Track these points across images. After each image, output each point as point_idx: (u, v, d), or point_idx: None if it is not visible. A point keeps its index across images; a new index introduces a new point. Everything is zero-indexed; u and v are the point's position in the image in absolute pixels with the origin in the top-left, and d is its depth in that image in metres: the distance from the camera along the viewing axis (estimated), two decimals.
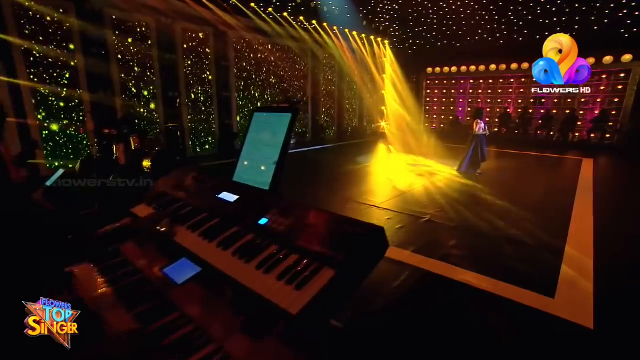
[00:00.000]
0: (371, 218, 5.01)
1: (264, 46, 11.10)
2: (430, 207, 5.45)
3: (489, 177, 7.72)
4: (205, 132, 9.99)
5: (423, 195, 6.14)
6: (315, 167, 9.13)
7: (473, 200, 5.86)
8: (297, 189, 6.47)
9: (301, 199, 6.07)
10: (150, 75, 8.43)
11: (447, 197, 6.04)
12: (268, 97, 11.64)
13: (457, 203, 5.67)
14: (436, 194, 6.22)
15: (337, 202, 5.81)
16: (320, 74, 13.28)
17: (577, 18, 11.91)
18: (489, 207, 5.51)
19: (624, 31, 12.01)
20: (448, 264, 3.59)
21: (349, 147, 12.55)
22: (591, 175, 7.80)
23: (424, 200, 5.85)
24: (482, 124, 7.78)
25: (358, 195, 6.18)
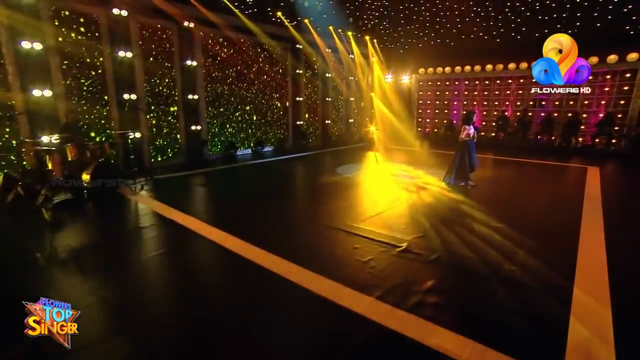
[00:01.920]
0: (334, 246, 4.20)
1: (237, 45, 10.34)
2: (411, 230, 4.66)
3: (482, 190, 6.96)
4: (169, 140, 9.17)
5: (404, 215, 5.35)
6: (288, 178, 8.34)
7: (462, 222, 5.07)
8: (255, 205, 5.67)
9: (251, 220, 5.31)
10: (99, 76, 7.62)
11: (432, 217, 5.25)
12: (244, 99, 10.85)
13: (443, 225, 4.89)
14: (419, 213, 5.43)
15: (297, 224, 5.01)
16: (302, 75, 12.54)
17: (578, 14, 11.29)
18: (479, 230, 4.72)
19: (629, 28, 11.44)
20: (420, 319, 2.79)
21: (332, 154, 11.79)
22: (598, 187, 7.06)
23: (405, 221, 5.05)
24: (470, 129, 7.04)
25: (327, 215, 5.39)
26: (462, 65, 14.58)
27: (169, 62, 8.85)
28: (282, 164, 10.04)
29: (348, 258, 3.89)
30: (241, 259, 3.80)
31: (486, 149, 12.21)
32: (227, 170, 8.94)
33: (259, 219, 5.19)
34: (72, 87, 7.22)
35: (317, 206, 5.92)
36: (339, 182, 7.62)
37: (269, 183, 7.82)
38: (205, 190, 6.79)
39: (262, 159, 10.53)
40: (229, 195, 6.51)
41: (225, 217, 5.22)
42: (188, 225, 4.79)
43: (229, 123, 10.59)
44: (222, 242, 4.23)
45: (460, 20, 12.50)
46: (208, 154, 10.04)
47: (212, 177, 8.10)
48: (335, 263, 3.77)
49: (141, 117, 8.25)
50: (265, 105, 11.61)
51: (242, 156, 10.83)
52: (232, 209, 5.65)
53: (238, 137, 10.94)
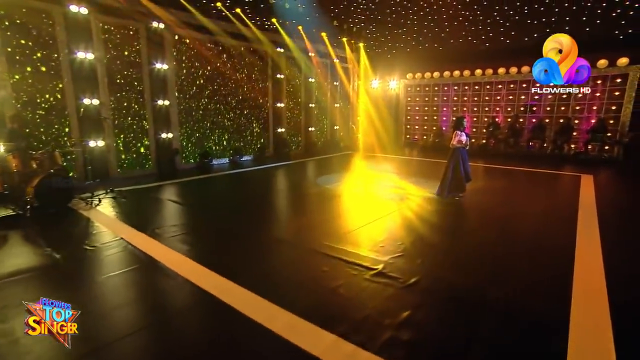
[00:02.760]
0: (301, 270, 3.79)
1: (212, 48, 9.98)
2: (388, 249, 4.27)
3: (471, 201, 6.63)
4: (137, 148, 8.70)
5: (383, 231, 4.97)
6: (262, 190, 7.92)
7: (446, 238, 4.70)
8: (219, 221, 5.23)
9: (212, 239, 4.86)
10: (57, 79, 7.15)
11: (414, 232, 4.88)
12: (220, 106, 10.46)
13: (425, 243, 4.51)
14: (401, 229, 5.06)
15: (264, 243, 4.58)
16: (283, 80, 12.21)
17: (567, 18, 11.25)
18: (465, 248, 4.36)
19: (618, 32, 11.42)
20: None
21: (315, 163, 11.41)
22: (593, 196, 6.78)
23: (383, 238, 4.66)
24: (462, 135, 6.71)
25: (299, 232, 4.98)
26: (451, 70, 14.45)
27: (136, 66, 8.42)
28: (260, 174, 9.62)
29: (314, 284, 3.48)
30: (195, 289, 3.36)
31: (476, 157, 11.96)
32: (200, 181, 8.49)
33: (222, 238, 4.75)
34: (20, 89, 6.73)
35: (289, 222, 5.50)
36: (317, 194, 7.23)
37: (241, 196, 7.39)
38: (171, 204, 6.33)
39: (240, 168, 10.11)
40: (194, 209, 6.06)
41: (185, 236, 4.77)
42: (139, 245, 4.33)
43: (203, 131, 10.16)
44: (177, 267, 3.77)
45: (448, 24, 12.40)
46: (180, 163, 9.58)
47: (182, 189, 7.64)
48: (299, 290, 3.35)
49: (105, 124, 7.78)
50: (244, 112, 11.21)
51: (218, 166, 10.39)
52: (194, 226, 5.20)
53: (214, 146, 10.50)
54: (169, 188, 7.61)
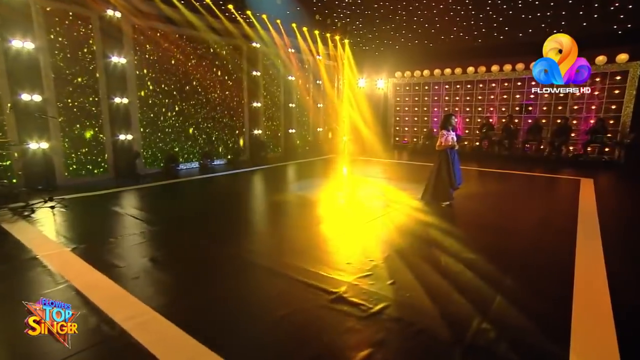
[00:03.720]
0: (248, 295, 3.23)
1: (179, 41, 9.44)
2: (356, 267, 3.73)
3: (460, 209, 6.15)
4: (89, 151, 8.08)
5: (354, 245, 4.44)
6: (229, 197, 7.37)
7: (427, 253, 4.18)
8: (168, 234, 4.63)
9: (156, 250, 4.27)
10: None
11: (390, 247, 4.35)
12: (188, 106, 9.89)
13: (401, 258, 3.98)
14: (375, 242, 4.53)
15: (214, 260, 4.01)
16: (259, 78, 11.70)
17: (563, 13, 10.97)
18: (447, 264, 3.84)
19: (617, 27, 11.17)
20: None
21: (294, 167, 10.89)
22: (594, 203, 6.35)
23: (354, 253, 4.13)
24: (449, 135, 6.25)
25: (256, 246, 4.43)
26: (441, 68, 14.14)
27: (89, 59, 7.83)
28: (230, 179, 9.06)
29: (258, 312, 2.93)
30: (102, 318, 2.77)
31: (469, 160, 11.59)
32: (162, 187, 7.90)
33: (161, 255, 4.17)
34: None
35: (248, 235, 4.94)
36: (289, 202, 6.69)
37: (201, 204, 6.81)
38: (118, 214, 5.72)
39: (211, 173, 9.54)
40: (143, 220, 5.46)
41: (120, 251, 4.19)
42: (55, 266, 3.73)
43: (169, 132, 9.57)
44: (92, 291, 3.18)
45: (439, 19, 12.08)
46: (143, 168, 8.98)
47: (138, 197, 7.04)
48: (237, 323, 2.79)
49: (50, 123, 7.16)
50: (215, 112, 10.66)
51: (186, 171, 9.80)
52: (133, 240, 4.61)
53: (181, 149, 9.91)
54: (123, 195, 7.00)
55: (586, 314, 2.87)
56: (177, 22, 9.05)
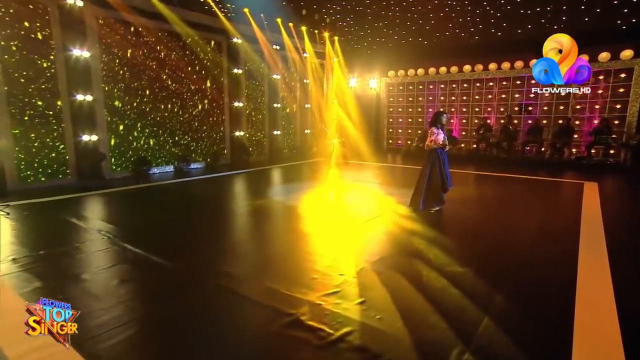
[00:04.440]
0: (194, 319, 2.80)
1: (152, 35, 9.06)
2: (323, 283, 3.31)
3: (451, 215, 5.78)
4: (48, 153, 7.63)
5: (326, 257, 4.01)
6: (199, 204, 6.95)
7: (407, 266, 3.77)
8: (125, 246, 4.19)
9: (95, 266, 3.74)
10: None
11: (366, 257, 3.93)
12: (161, 105, 9.48)
13: (377, 272, 3.56)
14: (350, 253, 4.12)
15: (173, 276, 3.57)
16: (241, 76, 11.32)
17: (563, 7, 10.75)
18: (429, 280, 3.42)
19: (621, 22, 10.94)
20: None
21: (278, 172, 10.51)
22: (598, 209, 5.97)
23: (322, 266, 3.71)
24: (439, 134, 5.89)
25: (208, 257, 3.99)
26: (437, 67, 13.86)
27: (47, 51, 7.41)
28: (207, 184, 8.64)
29: (189, 340, 2.49)
30: None
31: (466, 163, 11.31)
32: (127, 193, 7.46)
33: (97, 273, 3.73)
34: None
35: (205, 245, 4.51)
36: (264, 209, 6.26)
37: (170, 212, 6.37)
38: (64, 223, 5.26)
39: (187, 177, 9.12)
40: (95, 229, 5.01)
41: (52, 271, 3.74)
42: None
43: (140, 133, 9.14)
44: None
45: (434, 15, 11.86)
46: (109, 171, 8.54)
47: (97, 203, 6.60)
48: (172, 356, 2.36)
49: (1, 124, 6.73)
50: (192, 112, 10.25)
51: (159, 175, 9.37)
52: (70, 253, 4.17)
53: (154, 151, 9.48)
54: (80, 201, 6.55)
55: (590, 340, 2.46)
56: (148, 14, 8.67)
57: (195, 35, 9.86)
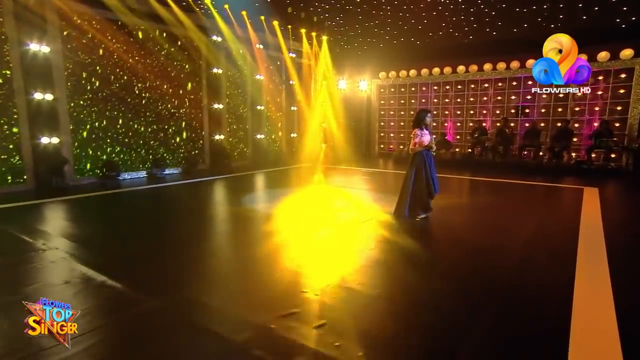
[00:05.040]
0: (109, 348, 2.41)
1: (123, 29, 8.73)
2: (280, 302, 2.94)
3: (437, 223, 5.46)
4: None
5: (290, 271, 3.64)
6: (163, 213, 6.60)
7: (380, 282, 3.41)
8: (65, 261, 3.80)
9: None
10: None
11: (336, 271, 3.57)
12: (132, 105, 9.12)
13: (345, 288, 3.20)
14: (319, 266, 3.76)
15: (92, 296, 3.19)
16: (221, 76, 11.00)
17: (561, 5, 10.62)
18: (402, 302, 3.07)
19: (620, 21, 10.82)
20: None
21: (260, 177, 10.17)
22: (599, 216, 5.67)
23: (284, 282, 3.34)
24: (424, 135, 5.59)
25: (156, 271, 3.61)
26: (429, 68, 13.67)
27: None
28: (180, 191, 8.28)
29: None
30: None
31: (460, 168, 11.07)
32: (91, 200, 7.09)
33: (49, 296, 3.34)
34: None
35: (169, 258, 4.13)
36: (235, 217, 5.91)
37: (131, 222, 5.98)
38: (7, 235, 4.86)
39: (160, 183, 8.74)
40: (46, 244, 4.61)
41: None
42: None
43: (109, 135, 8.76)
44: None
45: (426, 14, 11.71)
46: (73, 177, 8.14)
47: (51, 212, 6.20)
48: None
49: None
50: (167, 114, 9.89)
51: (130, 180, 8.98)
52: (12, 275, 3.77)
53: (124, 155, 9.09)
54: (32, 210, 6.13)
55: None
56: (118, 8, 8.35)
57: (171, 31, 9.55)
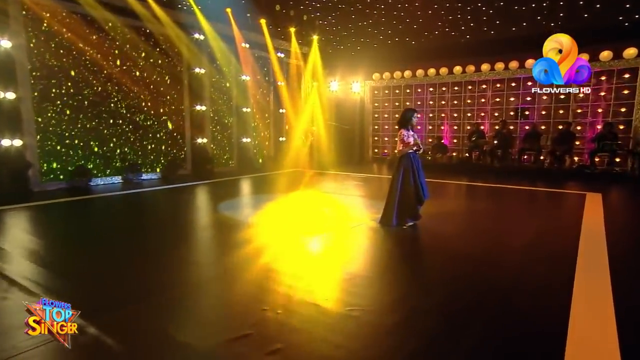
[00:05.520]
0: None
1: (95, 24, 8.48)
2: (233, 322, 2.63)
3: (427, 231, 5.19)
4: None
5: (254, 286, 3.33)
6: (131, 221, 6.29)
7: (351, 299, 3.10)
8: None
9: None
10: None
11: (305, 286, 3.27)
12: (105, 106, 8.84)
13: (312, 306, 2.89)
14: (288, 280, 3.45)
15: None
16: (204, 76, 10.73)
17: (561, 3, 10.49)
18: (375, 323, 2.77)
19: (623, 18, 10.68)
20: None
21: (244, 183, 9.95)
22: (601, 223, 5.40)
23: (243, 298, 3.03)
24: (409, 136, 5.36)
25: (114, 289, 3.30)
26: (425, 68, 13.51)
27: None
28: (153, 197, 8.03)
29: None
30: None
31: (456, 173, 10.86)
32: (55, 207, 6.79)
33: None
34: None
35: (124, 274, 3.81)
36: (208, 226, 5.60)
37: (93, 232, 5.69)
38: None
39: (135, 189, 8.44)
40: None
41: None
42: None
43: (79, 137, 8.45)
44: None
45: (422, 12, 11.56)
46: (39, 182, 7.83)
47: (5, 222, 5.88)
48: None
49: None
50: (145, 116, 9.60)
51: (104, 186, 8.67)
52: None
53: (97, 159, 8.77)
54: None
55: None
56: (88, 3, 8.10)
57: (149, 28, 9.32)
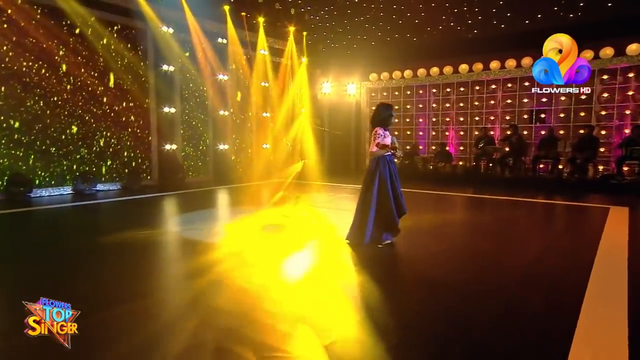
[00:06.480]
0: None
1: (45, 14, 8.09)
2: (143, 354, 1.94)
3: (408, 252, 4.52)
4: None
5: (185, 310, 2.64)
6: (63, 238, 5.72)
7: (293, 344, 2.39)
8: None
9: None
10: None
11: (231, 327, 2.57)
12: (52, 107, 8.38)
13: (238, 346, 2.19)
14: (221, 316, 2.76)
15: None
16: (174, 74, 10.28)
17: None
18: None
19: None
20: None
21: (216, 194, 9.46)
22: (624, 242, 4.64)
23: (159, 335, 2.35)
24: (386, 136, 4.78)
25: None
26: (427, 67, 13.10)
27: None
28: (102, 211, 7.51)
29: None
30: None
31: (460, 184, 10.38)
32: None
33: None
34: None
35: None
36: (145, 244, 4.97)
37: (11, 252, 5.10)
38: None
39: (84, 201, 7.93)
40: None
41: None
42: None
43: (18, 141, 8.02)
44: None
45: (424, 6, 11.34)
46: None
47: None
48: None
49: None
50: (101, 117, 9.10)
51: (48, 198, 8.16)
52: None
53: (39, 167, 8.27)
54: None
55: None
56: None
57: (108, 17, 8.93)
